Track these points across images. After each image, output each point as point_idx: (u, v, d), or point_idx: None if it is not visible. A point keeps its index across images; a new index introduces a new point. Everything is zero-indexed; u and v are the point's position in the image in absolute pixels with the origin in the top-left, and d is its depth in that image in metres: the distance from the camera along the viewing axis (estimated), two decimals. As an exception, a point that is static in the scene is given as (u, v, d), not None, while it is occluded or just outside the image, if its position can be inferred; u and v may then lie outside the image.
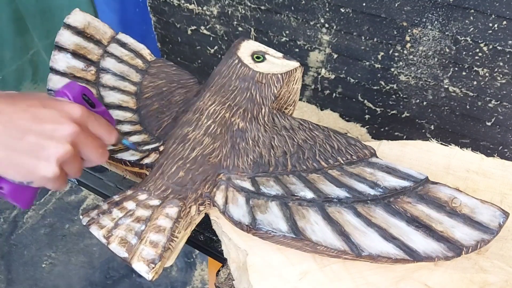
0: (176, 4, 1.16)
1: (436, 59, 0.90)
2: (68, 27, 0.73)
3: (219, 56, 1.21)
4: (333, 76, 1.06)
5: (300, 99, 1.15)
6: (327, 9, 0.94)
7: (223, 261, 0.61)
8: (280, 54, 0.70)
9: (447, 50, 0.87)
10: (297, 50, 1.06)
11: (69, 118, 0.47)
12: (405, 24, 0.88)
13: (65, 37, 0.72)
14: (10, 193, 0.47)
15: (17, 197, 0.49)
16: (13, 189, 0.47)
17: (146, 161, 0.62)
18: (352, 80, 1.04)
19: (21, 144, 0.44)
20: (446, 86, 0.93)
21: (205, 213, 0.61)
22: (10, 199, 0.48)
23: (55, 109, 0.46)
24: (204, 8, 1.12)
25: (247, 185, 0.59)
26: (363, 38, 0.95)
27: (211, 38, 1.18)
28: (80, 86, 0.53)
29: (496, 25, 0.79)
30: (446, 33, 0.85)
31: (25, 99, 0.46)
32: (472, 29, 0.82)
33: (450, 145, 0.70)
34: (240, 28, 1.11)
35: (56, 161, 0.46)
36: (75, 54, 0.72)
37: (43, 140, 0.45)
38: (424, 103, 0.98)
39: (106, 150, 0.53)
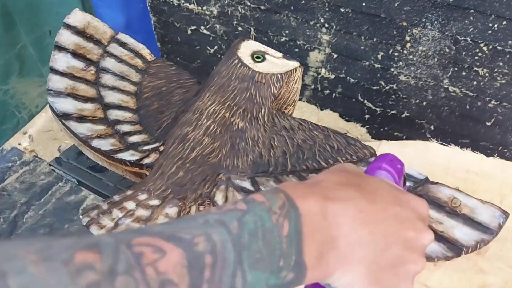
0: (175, 4, 1.16)
1: (436, 59, 0.90)
2: (68, 27, 0.73)
3: (219, 56, 1.21)
4: (333, 76, 1.06)
5: (299, 99, 1.15)
6: (327, 9, 0.94)
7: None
8: (280, 54, 0.70)
9: (447, 50, 0.87)
10: (296, 50, 1.06)
11: (423, 220, 0.37)
12: (404, 24, 0.88)
13: (65, 37, 0.72)
14: None
15: None
16: None
17: (146, 161, 0.62)
18: (352, 80, 1.04)
19: (385, 257, 0.33)
20: (446, 86, 0.93)
21: (205, 213, 0.60)
22: None
23: (409, 207, 0.36)
24: (204, 8, 1.11)
25: (247, 185, 0.59)
26: (362, 38, 0.95)
27: (211, 38, 1.18)
28: (401, 162, 0.43)
29: (496, 25, 0.79)
30: (446, 33, 0.85)
31: (376, 192, 0.35)
32: (472, 29, 0.82)
33: (450, 145, 0.70)
34: (240, 28, 1.10)
35: (413, 280, 0.36)
36: (75, 54, 0.72)
37: (406, 252, 0.34)
38: (424, 103, 0.98)
39: None
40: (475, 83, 0.89)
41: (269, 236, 0.28)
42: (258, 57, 0.69)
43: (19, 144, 1.01)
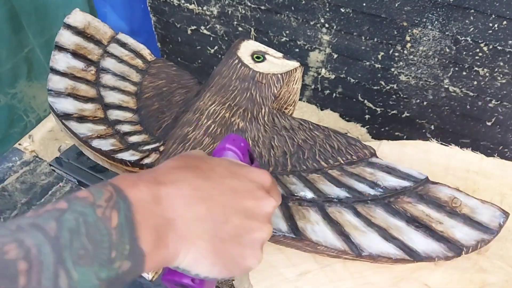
0: (176, 4, 1.16)
1: (436, 59, 0.90)
2: (68, 27, 0.73)
3: (219, 56, 1.21)
4: (333, 76, 1.06)
5: (300, 99, 1.15)
6: (327, 9, 0.94)
7: (223, 261, 0.61)
8: (280, 54, 0.70)
9: (447, 50, 0.87)
10: (297, 50, 1.06)
11: (264, 189, 0.38)
12: (405, 24, 0.88)
13: (65, 37, 0.72)
14: (201, 285, 0.37)
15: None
16: (204, 283, 0.37)
17: (146, 161, 0.62)
18: (352, 80, 1.04)
19: (225, 230, 0.34)
20: (446, 86, 0.93)
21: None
22: None
23: (247, 178, 0.37)
24: (204, 8, 1.12)
25: (247, 185, 0.59)
26: (363, 38, 0.95)
27: (211, 38, 1.18)
28: (244, 141, 0.45)
29: (496, 25, 0.79)
30: (446, 33, 0.85)
31: (211, 169, 0.36)
32: (472, 29, 0.82)
33: (450, 145, 0.70)
34: (240, 28, 1.11)
35: (261, 246, 0.36)
36: (75, 54, 0.72)
37: (247, 221, 0.35)
38: (424, 103, 0.98)
39: None
40: (475, 83, 0.89)
41: (94, 230, 0.28)
42: (258, 57, 0.69)
43: (19, 144, 1.01)
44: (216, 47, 1.20)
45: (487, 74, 0.86)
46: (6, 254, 0.25)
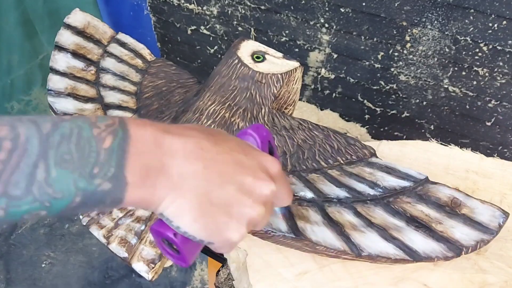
0: (175, 4, 1.16)
1: (436, 59, 0.90)
2: (68, 27, 0.73)
3: (219, 56, 1.21)
4: (333, 76, 1.06)
5: (299, 99, 1.15)
6: (327, 9, 0.94)
7: (223, 261, 0.61)
8: (280, 54, 0.70)
9: (447, 50, 0.87)
10: (296, 50, 1.06)
11: (268, 174, 0.38)
12: (404, 23, 0.88)
13: (65, 37, 0.72)
14: (182, 244, 0.38)
15: (187, 251, 0.39)
16: (185, 241, 0.38)
17: (146, 161, 0.62)
18: (352, 80, 1.04)
19: (217, 194, 0.35)
20: (446, 86, 0.93)
21: (205, 213, 0.60)
22: (181, 249, 0.39)
23: (255, 159, 0.38)
24: (204, 7, 1.12)
25: (247, 185, 0.59)
26: (362, 38, 0.95)
27: (211, 38, 1.18)
28: (268, 132, 0.46)
29: (496, 25, 0.79)
30: (446, 33, 0.85)
31: (224, 140, 0.37)
32: (472, 29, 0.82)
33: (450, 145, 0.70)
34: (240, 28, 1.10)
35: (248, 224, 0.37)
36: (75, 54, 0.72)
37: (241, 195, 0.36)
38: (424, 103, 0.98)
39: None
40: (475, 82, 0.89)
41: (84, 143, 0.30)
42: (258, 57, 0.69)
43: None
44: (215, 47, 1.20)
45: (487, 74, 0.86)
46: None
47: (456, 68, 0.89)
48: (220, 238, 0.36)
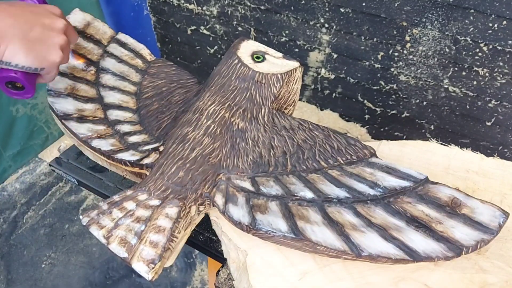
0: (175, 4, 1.16)
1: (436, 59, 0.90)
2: (68, 27, 0.73)
3: (219, 56, 1.21)
4: (333, 76, 1.06)
5: (300, 99, 1.15)
6: (327, 9, 0.94)
7: (223, 261, 0.61)
8: (280, 54, 0.70)
9: (447, 50, 0.87)
10: (297, 50, 1.06)
11: (54, 14, 0.57)
12: (405, 24, 0.88)
13: (64, 37, 0.72)
14: (24, 78, 0.53)
15: (28, 82, 0.54)
16: (25, 75, 0.54)
17: (146, 161, 0.62)
18: (352, 80, 1.04)
19: (32, 34, 0.52)
20: (446, 86, 0.93)
21: (205, 213, 0.61)
22: (24, 83, 0.54)
23: (42, 8, 0.56)
24: (204, 8, 1.12)
25: (247, 185, 0.59)
26: (363, 38, 0.95)
27: (211, 38, 1.18)
28: None
29: (496, 25, 0.79)
30: (446, 33, 0.85)
31: (15, 3, 0.54)
32: (472, 29, 0.82)
33: (450, 145, 0.70)
34: (240, 28, 1.11)
35: (60, 48, 0.55)
36: (75, 54, 0.72)
37: (47, 31, 0.54)
38: (424, 103, 0.98)
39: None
40: (475, 83, 0.89)
41: None
42: (258, 57, 0.69)
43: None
44: (215, 47, 1.20)
45: (487, 74, 0.86)
46: None
47: (456, 68, 0.89)
48: (48, 63, 0.54)
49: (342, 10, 0.93)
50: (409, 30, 0.89)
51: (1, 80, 0.54)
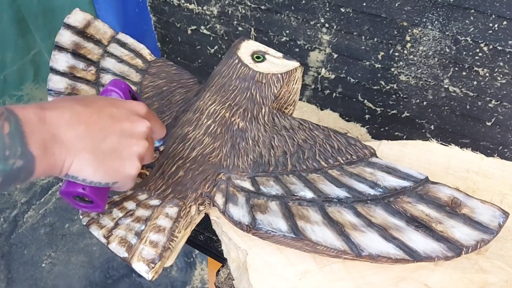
0: (176, 4, 1.16)
1: (436, 59, 0.90)
2: (68, 27, 0.73)
3: (219, 56, 1.21)
4: (333, 76, 1.06)
5: (300, 99, 1.15)
6: (327, 9, 0.94)
7: (223, 261, 0.61)
8: (280, 54, 0.70)
9: (447, 50, 0.87)
10: (297, 50, 1.06)
11: (139, 115, 0.48)
12: (405, 24, 0.88)
13: (65, 37, 0.72)
14: (92, 193, 0.46)
15: (98, 198, 0.47)
16: (94, 190, 0.46)
17: (146, 161, 0.62)
18: (352, 80, 1.04)
19: (105, 145, 0.44)
20: (446, 86, 0.93)
21: (205, 213, 0.61)
22: (93, 198, 0.46)
23: (124, 108, 0.47)
24: (204, 7, 1.12)
25: (247, 185, 0.59)
26: (363, 38, 0.95)
27: (211, 38, 1.18)
28: (125, 83, 0.54)
29: (496, 25, 0.79)
30: (446, 33, 0.85)
31: (93, 101, 0.46)
32: (472, 29, 0.82)
33: (450, 145, 0.70)
34: (240, 28, 1.11)
35: (138, 158, 0.47)
36: (75, 54, 0.72)
37: (124, 139, 0.45)
38: (424, 103, 0.98)
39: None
40: (475, 83, 0.89)
41: None
42: (258, 57, 0.69)
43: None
44: (216, 47, 1.20)
45: (487, 74, 0.86)
46: None
47: (456, 68, 0.89)
48: (121, 177, 0.46)
49: (342, 10, 0.93)
50: (409, 30, 0.89)
51: (67, 194, 0.46)
